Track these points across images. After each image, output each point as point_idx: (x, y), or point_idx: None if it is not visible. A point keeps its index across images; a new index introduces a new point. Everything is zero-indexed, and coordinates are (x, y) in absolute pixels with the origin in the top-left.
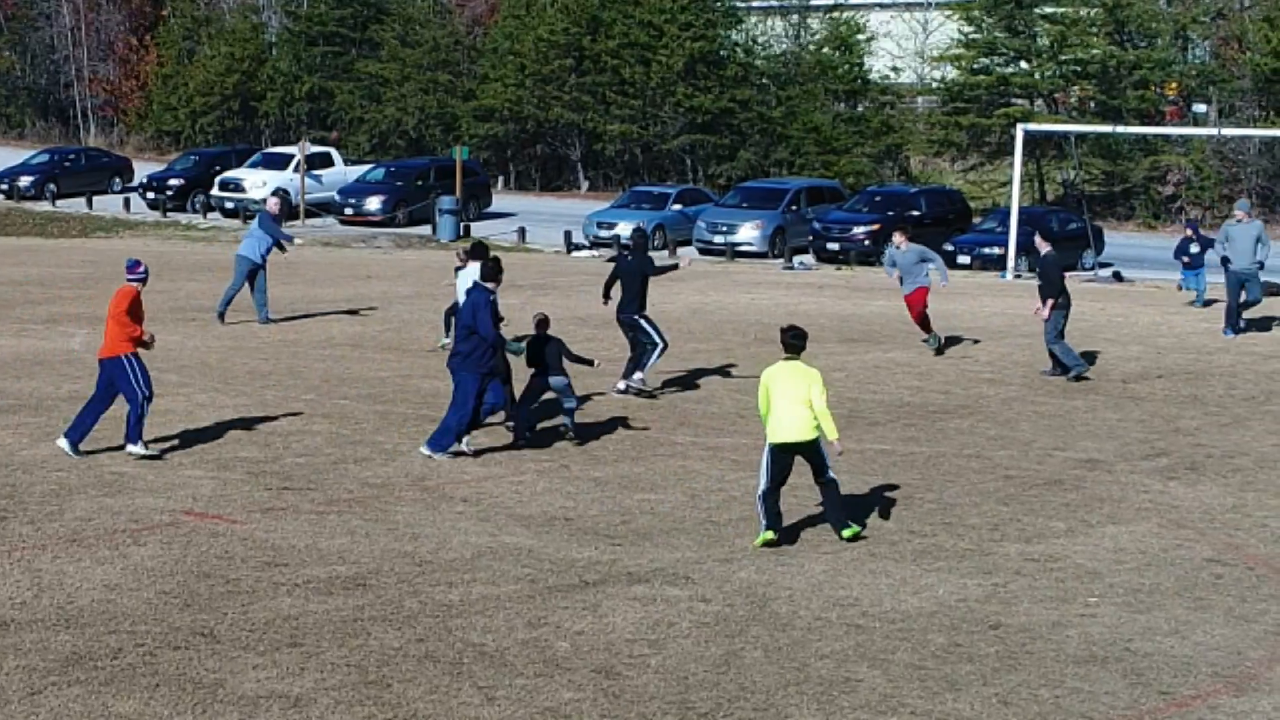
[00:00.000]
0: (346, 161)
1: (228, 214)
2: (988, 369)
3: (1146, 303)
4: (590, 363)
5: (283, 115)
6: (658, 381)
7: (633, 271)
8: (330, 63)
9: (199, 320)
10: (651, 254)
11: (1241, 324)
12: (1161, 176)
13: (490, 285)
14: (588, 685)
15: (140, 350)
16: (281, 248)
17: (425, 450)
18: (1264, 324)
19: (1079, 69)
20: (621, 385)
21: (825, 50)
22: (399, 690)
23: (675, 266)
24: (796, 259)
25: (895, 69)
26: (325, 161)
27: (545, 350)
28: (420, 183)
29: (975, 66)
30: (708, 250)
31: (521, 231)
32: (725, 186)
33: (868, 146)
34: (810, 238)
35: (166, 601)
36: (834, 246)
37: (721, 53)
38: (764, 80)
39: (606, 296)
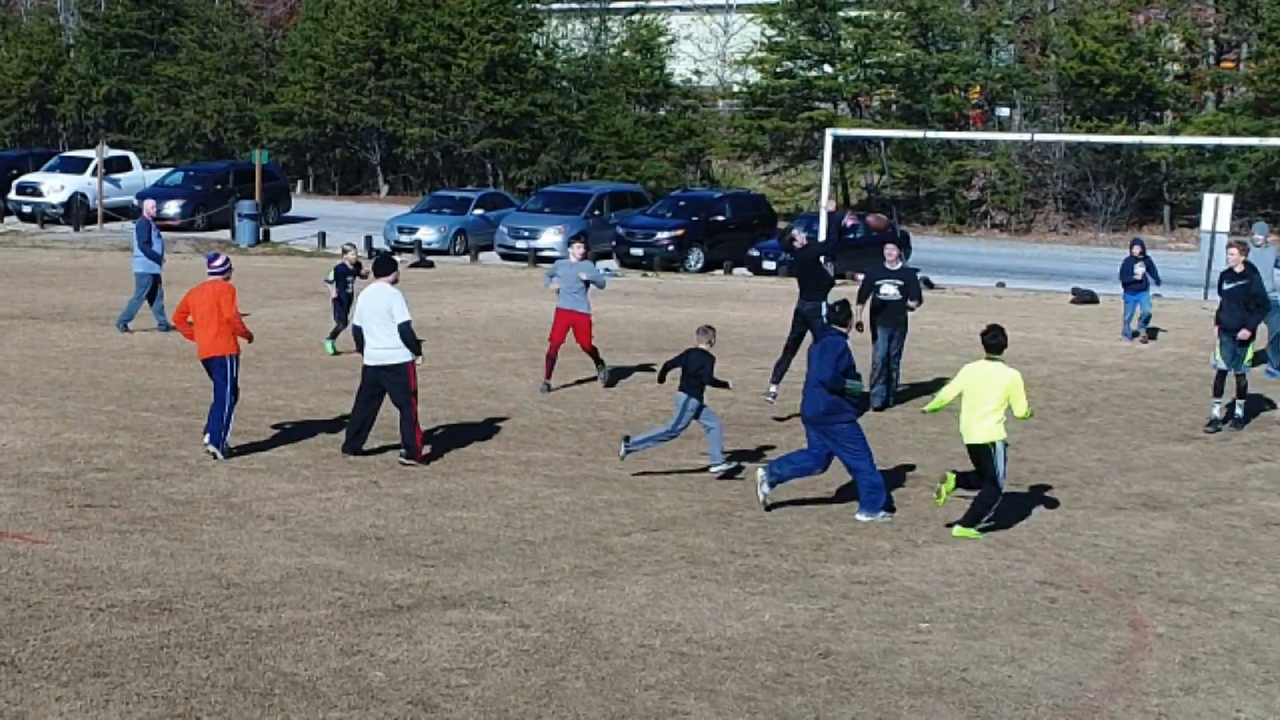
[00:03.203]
0: (145, 165)
1: (25, 218)
2: (802, 379)
3: (958, 310)
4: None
5: (80, 118)
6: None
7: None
8: (128, 65)
9: None
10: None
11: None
12: (966, 181)
13: (844, 330)
14: (404, 719)
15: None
16: (151, 255)
17: (862, 516)
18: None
19: (883, 72)
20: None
21: (626, 53)
22: None
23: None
24: (600, 264)
25: (697, 72)
26: (123, 165)
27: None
28: (219, 186)
29: (779, 70)
30: (510, 256)
31: (322, 236)
32: (526, 190)
33: (670, 150)
34: (614, 243)
35: None
36: (638, 252)
37: (522, 56)
38: (565, 83)
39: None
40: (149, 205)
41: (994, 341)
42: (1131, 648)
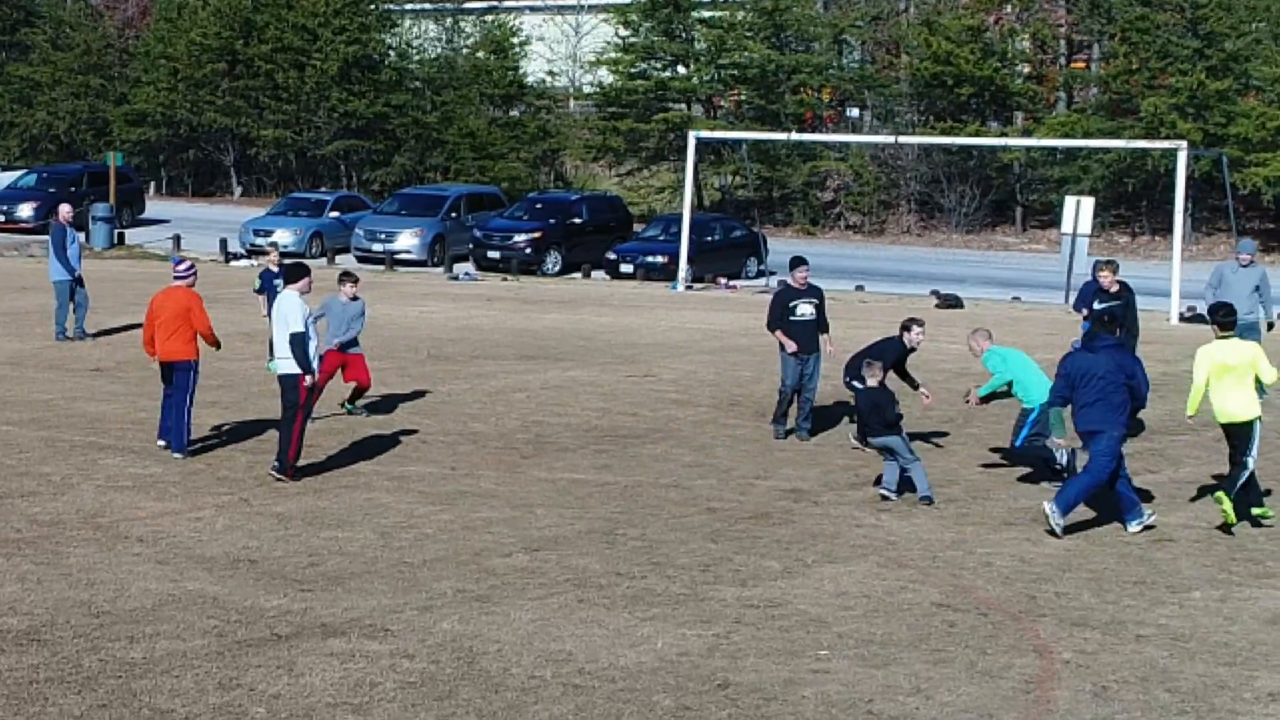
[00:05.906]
0: None
1: None
2: (674, 388)
3: (829, 315)
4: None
5: None
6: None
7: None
8: None
9: None
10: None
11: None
12: (820, 182)
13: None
14: None
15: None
16: (62, 262)
17: (1051, 511)
18: None
19: (737, 73)
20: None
21: (480, 54)
22: None
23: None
24: (458, 268)
25: (551, 73)
26: None
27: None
28: (73, 189)
29: (633, 71)
30: (366, 259)
31: (176, 239)
32: (380, 193)
33: (524, 151)
34: (471, 246)
35: None
36: (495, 255)
37: (376, 56)
38: (419, 84)
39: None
40: (64, 210)
41: (1227, 319)
42: (1040, 676)
